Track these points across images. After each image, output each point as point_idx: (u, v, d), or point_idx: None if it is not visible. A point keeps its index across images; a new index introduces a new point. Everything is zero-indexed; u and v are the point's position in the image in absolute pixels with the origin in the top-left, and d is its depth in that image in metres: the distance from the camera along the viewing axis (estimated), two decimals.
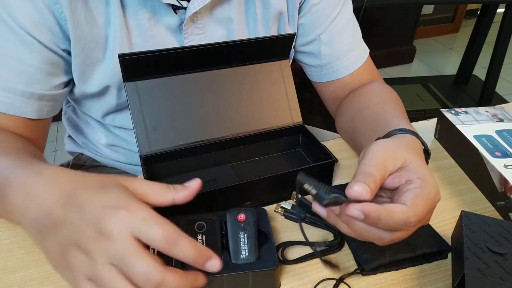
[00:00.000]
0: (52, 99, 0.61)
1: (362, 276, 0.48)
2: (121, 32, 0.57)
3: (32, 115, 0.59)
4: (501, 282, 0.41)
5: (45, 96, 0.59)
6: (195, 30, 0.62)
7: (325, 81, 0.75)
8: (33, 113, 0.59)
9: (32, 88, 0.57)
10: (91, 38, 0.57)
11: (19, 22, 0.53)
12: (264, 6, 0.65)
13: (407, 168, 0.42)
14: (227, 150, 0.64)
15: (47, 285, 0.47)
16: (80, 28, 0.56)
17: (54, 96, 0.61)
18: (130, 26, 0.58)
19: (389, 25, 2.55)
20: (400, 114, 0.60)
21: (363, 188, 0.39)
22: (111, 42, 0.58)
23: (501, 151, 0.63)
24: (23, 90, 0.57)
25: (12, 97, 0.56)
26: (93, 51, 0.59)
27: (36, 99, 0.58)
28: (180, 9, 0.58)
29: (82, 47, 0.58)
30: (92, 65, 0.60)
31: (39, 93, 0.58)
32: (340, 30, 0.71)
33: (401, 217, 0.39)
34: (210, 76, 0.61)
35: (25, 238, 0.52)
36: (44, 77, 0.58)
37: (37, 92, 0.58)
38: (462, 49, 2.33)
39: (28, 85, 0.57)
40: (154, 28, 0.60)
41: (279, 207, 0.56)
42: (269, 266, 0.45)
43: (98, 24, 0.57)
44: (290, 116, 0.66)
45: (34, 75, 0.57)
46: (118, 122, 0.69)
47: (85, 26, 0.56)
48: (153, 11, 0.58)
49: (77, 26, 0.55)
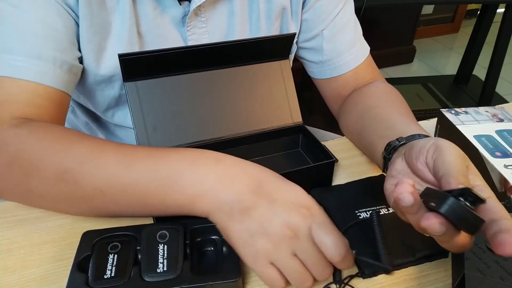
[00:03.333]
0: (76, 72, 0.57)
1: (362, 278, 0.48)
2: (131, 20, 0.57)
3: (65, 88, 0.54)
4: (501, 282, 0.41)
5: (73, 67, 0.56)
6: (198, 24, 0.62)
7: (327, 77, 0.75)
8: (65, 85, 0.54)
9: (63, 56, 0.53)
10: (96, 21, 0.56)
11: None
12: (267, 1, 0.65)
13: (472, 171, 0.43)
14: (227, 150, 0.64)
15: (47, 285, 0.47)
16: (90, 6, 0.54)
17: (78, 69, 0.57)
18: (138, 15, 0.58)
19: (389, 25, 2.55)
20: (411, 117, 0.61)
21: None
22: (118, 29, 0.57)
23: (501, 151, 0.63)
24: (55, 56, 0.52)
25: (45, 65, 0.52)
26: (96, 35, 0.57)
27: (66, 69, 0.54)
28: (185, 1, 0.59)
29: (87, 27, 0.56)
30: (94, 51, 0.58)
31: (69, 62, 0.55)
32: (343, 26, 0.71)
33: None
34: (210, 76, 0.61)
35: (25, 238, 0.52)
36: (70, 45, 0.55)
37: (67, 60, 0.54)
38: (462, 49, 2.33)
39: (59, 52, 0.53)
40: (159, 19, 0.60)
41: None
42: (230, 278, 0.44)
43: (107, 8, 0.56)
44: (290, 116, 0.66)
45: (62, 42, 0.53)
46: (117, 119, 0.69)
47: (94, 6, 0.55)
48: (158, 1, 0.59)
49: (88, 3, 0.54)
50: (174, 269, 0.44)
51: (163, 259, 0.45)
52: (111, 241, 0.48)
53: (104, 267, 0.45)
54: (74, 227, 0.54)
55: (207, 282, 0.43)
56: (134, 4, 0.57)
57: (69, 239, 0.52)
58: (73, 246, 0.48)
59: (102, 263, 0.46)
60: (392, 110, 0.63)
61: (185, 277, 0.44)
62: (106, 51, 0.59)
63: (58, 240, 0.52)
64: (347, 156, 0.68)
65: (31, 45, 0.52)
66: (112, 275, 0.44)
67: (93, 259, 0.46)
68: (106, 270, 0.45)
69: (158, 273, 0.44)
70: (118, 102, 0.66)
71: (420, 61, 2.85)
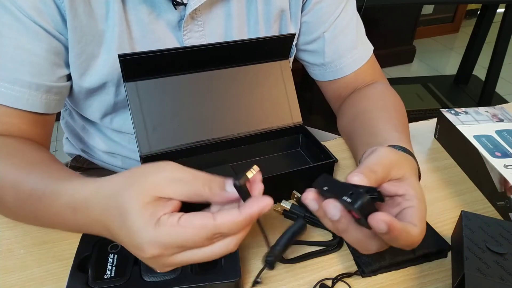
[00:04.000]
0: (58, 91, 0.59)
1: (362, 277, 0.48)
2: (121, 27, 0.57)
3: (41, 109, 0.57)
4: (501, 282, 0.41)
5: (52, 88, 0.57)
6: (195, 27, 0.61)
7: (329, 80, 0.75)
8: (42, 106, 0.57)
9: (39, 80, 0.55)
10: (88, 31, 0.56)
11: (22, 10, 0.52)
12: (266, 3, 0.65)
13: (407, 182, 0.43)
14: (227, 150, 0.64)
15: (47, 285, 0.47)
16: (78, 19, 0.55)
17: (60, 88, 0.59)
18: (130, 21, 0.58)
19: (389, 25, 2.55)
20: (400, 126, 0.60)
21: (362, 181, 0.40)
22: (109, 37, 0.57)
23: (501, 151, 0.63)
24: (30, 81, 0.54)
25: (20, 89, 0.54)
26: (89, 45, 0.57)
27: (44, 91, 0.56)
28: (180, 5, 0.58)
29: (78, 39, 0.56)
30: (88, 60, 0.59)
31: (47, 84, 0.56)
32: (344, 28, 0.71)
33: (413, 239, 0.40)
34: (210, 76, 0.61)
35: (25, 238, 0.52)
36: (50, 68, 0.56)
37: (44, 83, 0.56)
38: (462, 49, 2.33)
39: (35, 76, 0.55)
40: (154, 24, 0.59)
41: (278, 207, 0.56)
42: (230, 277, 0.44)
43: (96, 17, 0.56)
44: (290, 116, 0.66)
45: (41, 66, 0.55)
46: (116, 124, 0.68)
47: (82, 17, 0.55)
48: (153, 6, 0.58)
49: (75, 16, 0.54)
50: (174, 269, 0.44)
51: None
52: (111, 241, 0.48)
53: (104, 267, 0.45)
54: None
55: (207, 282, 0.43)
56: (124, 11, 0.57)
57: (69, 239, 0.52)
58: (73, 246, 0.48)
59: (102, 263, 0.46)
60: (382, 115, 0.63)
61: (185, 277, 0.44)
62: (99, 58, 0.59)
63: (58, 240, 0.52)
64: (347, 156, 0.68)
65: (8, 71, 0.54)
66: (112, 275, 0.44)
67: (93, 259, 0.46)
68: (106, 270, 0.45)
69: (158, 273, 0.44)
70: (116, 108, 0.66)
71: (420, 61, 2.85)
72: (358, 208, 0.37)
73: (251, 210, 0.36)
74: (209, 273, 0.45)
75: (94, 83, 0.61)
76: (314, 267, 0.50)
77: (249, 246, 0.52)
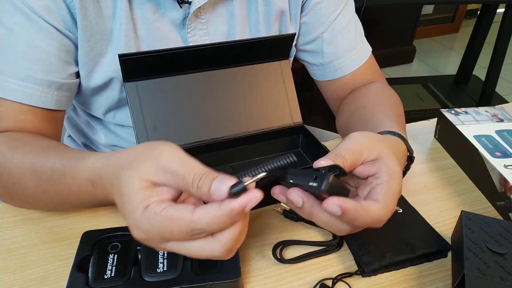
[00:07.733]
0: (68, 88, 0.60)
1: (362, 277, 0.49)
2: (127, 25, 0.58)
3: (52, 105, 0.58)
4: (501, 282, 0.41)
5: (63, 85, 0.58)
6: (198, 25, 0.62)
7: (328, 79, 0.76)
8: (54, 103, 0.58)
9: (51, 77, 0.56)
10: (97, 30, 0.57)
11: (33, 9, 0.53)
12: (266, 3, 0.66)
13: (380, 161, 0.43)
14: (227, 150, 0.64)
15: (47, 285, 0.47)
16: (88, 18, 0.56)
17: (70, 85, 0.60)
18: (135, 19, 0.59)
19: (389, 25, 2.55)
20: (394, 116, 0.60)
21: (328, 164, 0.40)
22: (116, 35, 0.58)
23: (501, 151, 0.63)
24: (42, 78, 0.55)
25: (32, 86, 0.55)
26: (98, 43, 0.58)
27: (55, 88, 0.57)
28: (185, 3, 0.59)
29: (88, 38, 0.57)
30: (96, 57, 0.60)
31: (58, 81, 0.57)
32: (342, 28, 0.71)
33: (376, 216, 0.39)
34: (210, 76, 0.62)
35: (25, 238, 0.52)
36: (61, 65, 0.57)
37: (56, 80, 0.57)
38: (462, 49, 2.33)
39: (47, 73, 0.56)
40: (158, 22, 0.60)
41: (278, 207, 0.56)
42: (230, 277, 0.44)
43: (104, 15, 0.57)
44: (290, 116, 0.66)
45: (52, 63, 0.56)
46: (119, 119, 0.69)
47: (92, 16, 0.56)
48: (157, 4, 0.59)
49: (85, 15, 0.55)
50: (174, 269, 0.44)
51: (163, 259, 0.45)
52: (111, 241, 0.48)
53: (104, 267, 0.45)
54: (74, 227, 0.54)
55: (207, 282, 0.43)
56: (131, 9, 0.58)
57: (69, 239, 0.52)
58: (73, 246, 0.48)
59: (102, 263, 0.46)
60: (377, 109, 0.63)
61: (185, 277, 0.44)
62: (106, 56, 0.60)
63: (58, 240, 0.52)
64: None
65: (20, 68, 0.55)
66: (112, 275, 0.44)
67: (93, 259, 0.46)
68: (106, 270, 0.45)
69: (158, 273, 0.44)
70: (119, 104, 0.67)
71: (420, 61, 2.85)
72: (325, 189, 0.36)
73: (232, 204, 0.33)
74: (209, 273, 0.45)
75: (101, 80, 0.62)
76: (314, 267, 0.50)
77: (249, 246, 0.52)
